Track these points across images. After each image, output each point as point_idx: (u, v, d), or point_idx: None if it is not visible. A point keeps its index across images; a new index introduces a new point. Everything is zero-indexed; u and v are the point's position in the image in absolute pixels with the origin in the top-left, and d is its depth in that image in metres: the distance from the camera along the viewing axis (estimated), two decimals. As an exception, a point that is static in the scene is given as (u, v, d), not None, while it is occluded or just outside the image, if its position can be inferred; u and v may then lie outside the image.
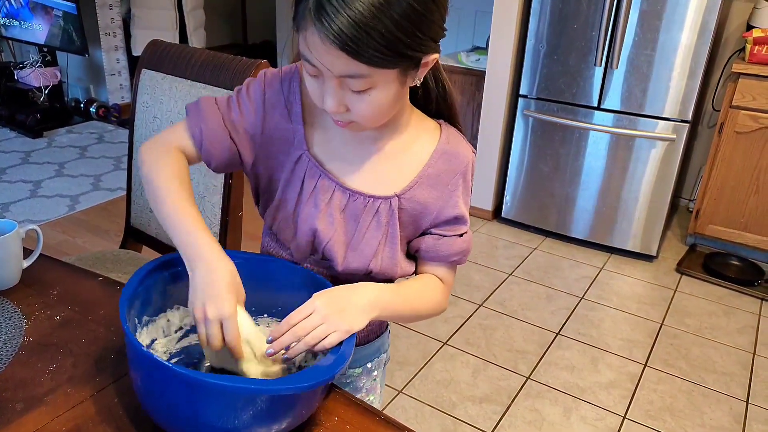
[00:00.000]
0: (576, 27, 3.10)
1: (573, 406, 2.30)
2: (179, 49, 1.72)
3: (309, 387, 0.80)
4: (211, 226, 1.66)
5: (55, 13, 4.46)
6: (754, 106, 3.00)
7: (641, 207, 3.25)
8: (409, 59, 0.86)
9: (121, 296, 0.86)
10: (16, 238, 1.18)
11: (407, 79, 0.91)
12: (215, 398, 0.79)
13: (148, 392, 0.84)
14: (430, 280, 1.09)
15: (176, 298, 0.96)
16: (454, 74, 3.70)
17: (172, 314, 0.97)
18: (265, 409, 0.81)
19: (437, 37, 0.88)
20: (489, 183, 3.67)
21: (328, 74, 0.85)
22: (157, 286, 0.94)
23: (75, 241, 3.24)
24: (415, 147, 1.03)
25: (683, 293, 3.09)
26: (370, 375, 1.24)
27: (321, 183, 1.02)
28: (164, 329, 0.98)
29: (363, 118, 0.91)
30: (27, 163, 4.21)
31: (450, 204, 1.04)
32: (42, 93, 4.85)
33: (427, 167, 1.03)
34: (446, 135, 1.04)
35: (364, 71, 0.83)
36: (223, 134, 1.02)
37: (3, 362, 0.99)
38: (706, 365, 2.56)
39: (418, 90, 1.03)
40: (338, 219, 1.03)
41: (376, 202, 1.02)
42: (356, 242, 1.03)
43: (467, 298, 2.94)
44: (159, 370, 0.79)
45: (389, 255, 1.04)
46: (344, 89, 0.87)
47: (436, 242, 1.06)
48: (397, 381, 2.37)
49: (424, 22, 0.83)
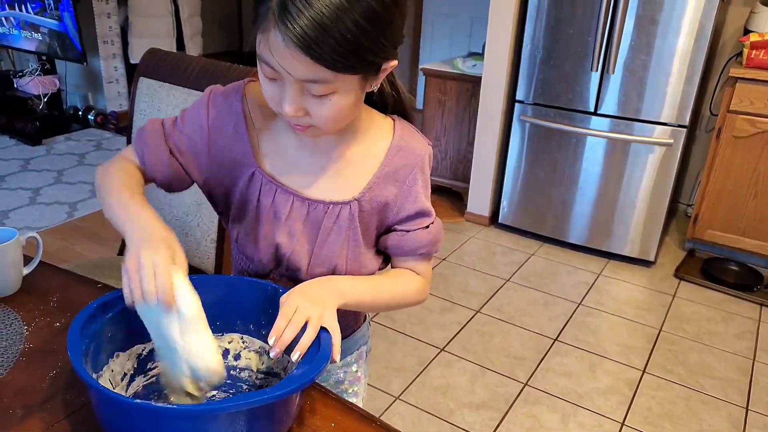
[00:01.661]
0: (572, 32, 3.11)
1: (571, 413, 2.30)
2: (176, 58, 1.73)
3: (289, 392, 0.80)
4: (208, 233, 1.66)
5: (42, 30, 4.52)
6: (751, 111, 3.01)
7: (639, 212, 3.26)
8: (370, 65, 0.86)
9: (70, 351, 0.82)
10: (17, 246, 1.19)
11: (367, 85, 0.91)
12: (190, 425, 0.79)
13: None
14: (403, 273, 1.10)
15: (112, 347, 0.93)
16: (450, 80, 3.72)
17: (114, 363, 0.93)
18: (245, 426, 0.81)
19: (397, 43, 0.88)
20: (486, 189, 3.67)
21: (288, 78, 0.85)
22: (95, 340, 0.89)
23: (74, 247, 3.24)
24: (371, 147, 1.04)
25: (681, 299, 3.09)
26: (350, 367, 1.25)
27: (278, 198, 1.02)
28: (111, 381, 0.93)
29: (323, 123, 0.91)
30: (26, 170, 4.21)
31: (410, 199, 1.05)
32: (41, 101, 4.86)
33: (383, 166, 1.03)
34: (400, 131, 1.05)
35: (327, 76, 0.83)
36: (165, 155, 1.03)
37: (4, 368, 0.99)
38: (705, 371, 2.57)
39: (374, 94, 1.02)
40: (299, 230, 1.03)
41: (336, 207, 1.02)
42: (318, 249, 1.04)
43: (464, 304, 2.94)
44: (128, 408, 0.80)
45: (353, 257, 1.05)
46: (304, 94, 0.87)
47: (401, 238, 1.07)
48: (394, 387, 2.37)
49: (385, 26, 0.83)
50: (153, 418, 0.79)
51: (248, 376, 1.02)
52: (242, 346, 1.02)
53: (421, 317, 2.80)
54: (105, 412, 0.83)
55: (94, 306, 0.91)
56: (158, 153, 1.03)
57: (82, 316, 0.88)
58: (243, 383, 1.02)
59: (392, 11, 0.83)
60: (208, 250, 1.67)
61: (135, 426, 0.79)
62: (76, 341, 0.83)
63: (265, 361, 1.02)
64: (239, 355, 1.02)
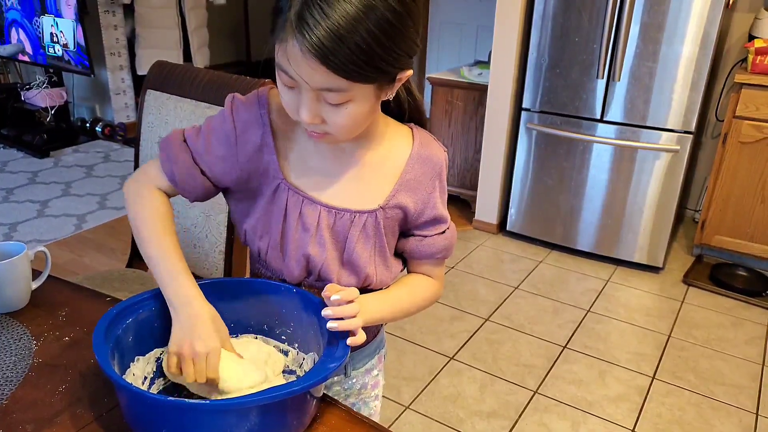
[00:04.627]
0: (577, 40, 3.11)
1: (581, 420, 2.29)
2: (183, 70, 1.74)
3: (306, 387, 0.84)
4: (216, 244, 1.67)
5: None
6: (757, 116, 3.01)
7: (647, 218, 3.25)
8: (386, 74, 0.88)
9: (98, 356, 0.85)
10: (25, 260, 1.20)
11: (382, 93, 0.93)
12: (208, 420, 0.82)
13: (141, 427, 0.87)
14: (418, 279, 1.13)
15: (132, 351, 0.96)
16: (457, 88, 3.72)
17: (135, 367, 0.96)
18: (258, 422, 0.83)
19: (411, 53, 0.90)
20: (494, 196, 3.67)
21: (305, 87, 0.86)
22: (117, 345, 0.93)
23: (82, 259, 3.26)
24: (392, 155, 1.05)
25: (690, 305, 3.08)
26: (372, 372, 1.27)
27: (305, 209, 1.03)
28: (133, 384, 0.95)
29: (338, 130, 0.92)
30: (34, 183, 4.23)
31: (429, 205, 1.07)
32: (48, 113, 4.89)
33: (404, 173, 1.04)
34: (419, 139, 1.06)
35: (343, 85, 0.85)
36: (194, 171, 1.03)
37: (13, 383, 1.00)
38: (715, 377, 2.55)
39: (390, 101, 1.04)
40: (328, 239, 1.04)
41: (362, 216, 1.03)
42: (347, 257, 1.05)
43: (473, 312, 2.93)
44: (153, 405, 0.84)
45: (382, 263, 1.08)
46: (321, 102, 0.88)
47: (419, 243, 1.10)
48: (404, 397, 2.37)
49: (399, 36, 0.84)
50: (185, 414, 0.82)
51: None
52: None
53: (430, 326, 2.80)
54: (137, 412, 0.86)
55: (114, 312, 0.94)
56: (189, 173, 1.03)
57: (103, 322, 0.91)
58: None
59: (406, 21, 0.84)
60: (216, 262, 1.68)
61: (167, 422, 0.83)
62: (102, 346, 0.87)
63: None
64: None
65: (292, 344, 1.04)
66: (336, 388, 1.22)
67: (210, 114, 1.60)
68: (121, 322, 0.94)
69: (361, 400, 1.26)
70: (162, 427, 0.82)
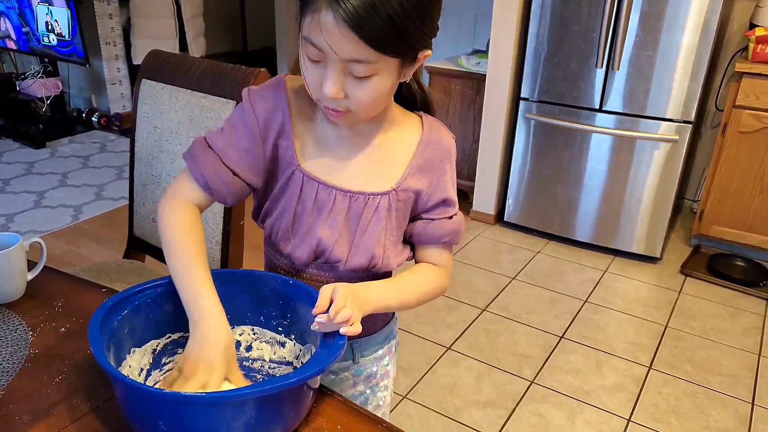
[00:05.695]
0: (576, 29, 3.10)
1: (578, 410, 2.29)
2: (179, 59, 1.73)
3: (318, 371, 0.85)
4: (213, 235, 1.66)
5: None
6: (757, 106, 3.00)
7: (645, 209, 3.25)
8: (411, 50, 0.91)
9: (93, 348, 0.85)
10: (20, 251, 1.19)
11: (403, 72, 0.95)
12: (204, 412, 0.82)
13: (139, 421, 0.86)
14: (425, 269, 1.14)
15: (128, 343, 0.95)
16: (455, 78, 3.71)
17: (131, 359, 0.95)
18: (254, 414, 0.83)
19: (433, 33, 0.93)
20: (491, 187, 3.67)
21: (333, 58, 0.88)
22: (113, 337, 0.92)
23: (79, 251, 3.25)
24: (403, 139, 1.07)
25: (688, 295, 3.08)
26: (382, 361, 1.27)
27: (320, 193, 1.04)
28: (129, 376, 0.94)
29: (360, 107, 0.94)
30: (30, 173, 4.22)
31: (439, 189, 1.09)
32: (44, 103, 4.87)
33: (416, 157, 1.07)
34: (428, 125, 1.09)
35: (371, 57, 0.87)
36: (226, 174, 1.03)
37: (9, 374, 0.99)
38: (712, 367, 2.56)
39: (403, 90, 1.08)
40: (341, 222, 1.05)
41: (376, 198, 1.05)
42: (358, 240, 1.06)
43: (470, 302, 2.93)
44: (147, 397, 0.83)
45: (390, 245, 1.08)
46: (346, 75, 0.90)
47: (427, 226, 1.11)
48: (401, 387, 2.37)
49: (426, 14, 0.88)
50: (181, 406, 0.82)
51: (261, 366, 1.05)
52: (253, 338, 1.05)
53: (427, 316, 2.80)
54: (134, 405, 0.85)
55: (110, 304, 0.93)
56: (221, 178, 1.03)
57: (99, 314, 0.91)
58: (257, 373, 1.04)
59: (433, 2, 0.89)
60: (213, 253, 1.67)
61: (164, 415, 0.82)
62: (97, 338, 0.86)
63: (276, 351, 1.05)
64: (251, 347, 1.05)
65: (288, 335, 1.04)
66: (344, 373, 1.22)
67: (205, 104, 1.60)
68: (117, 313, 0.94)
69: (369, 389, 1.26)
70: (158, 420, 0.82)
